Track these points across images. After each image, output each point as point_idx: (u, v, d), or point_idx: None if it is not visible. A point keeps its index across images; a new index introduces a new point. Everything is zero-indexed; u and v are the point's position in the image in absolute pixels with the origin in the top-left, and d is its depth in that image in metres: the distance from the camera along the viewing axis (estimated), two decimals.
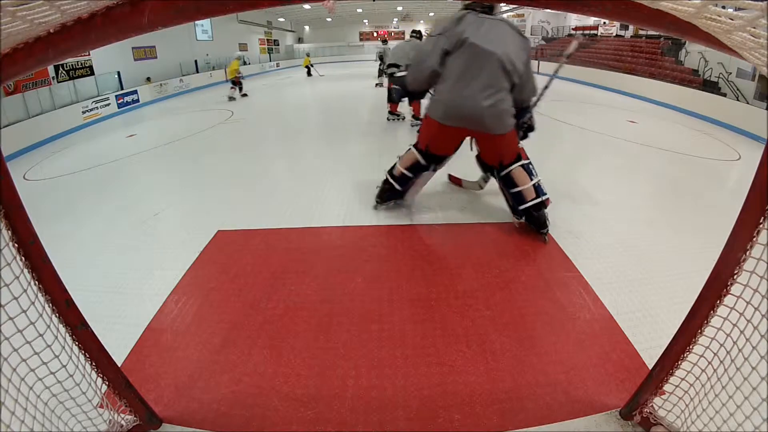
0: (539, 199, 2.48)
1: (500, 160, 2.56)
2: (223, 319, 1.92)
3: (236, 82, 10.05)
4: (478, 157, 2.81)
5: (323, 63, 25.54)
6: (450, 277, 2.21)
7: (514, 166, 2.53)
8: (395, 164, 2.85)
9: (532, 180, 2.51)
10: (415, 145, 2.73)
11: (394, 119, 6.35)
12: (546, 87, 2.65)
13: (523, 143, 2.68)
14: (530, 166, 2.56)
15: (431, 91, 2.61)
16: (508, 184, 2.58)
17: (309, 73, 16.09)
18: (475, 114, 2.31)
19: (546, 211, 2.53)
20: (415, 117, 5.67)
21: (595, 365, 1.60)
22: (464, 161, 3.06)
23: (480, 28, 2.28)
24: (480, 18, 2.31)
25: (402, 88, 2.72)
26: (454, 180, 3.49)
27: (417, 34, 5.97)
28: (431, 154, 2.66)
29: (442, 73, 2.41)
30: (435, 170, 2.80)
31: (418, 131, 2.75)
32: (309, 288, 2.14)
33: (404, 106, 6.14)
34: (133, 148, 5.95)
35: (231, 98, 9.91)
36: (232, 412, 1.44)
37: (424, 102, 2.79)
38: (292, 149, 5.32)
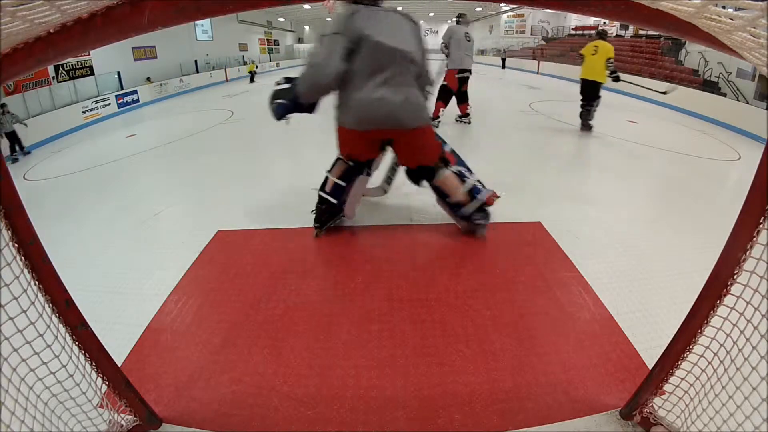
0: (476, 204, 2.41)
1: (419, 161, 2.41)
2: (223, 319, 1.92)
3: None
4: (406, 171, 2.59)
5: None
6: (450, 277, 2.21)
7: (441, 174, 2.41)
8: (325, 179, 2.61)
9: (464, 183, 2.41)
10: (338, 157, 2.56)
11: (463, 121, 6.01)
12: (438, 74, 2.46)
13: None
14: (461, 170, 2.44)
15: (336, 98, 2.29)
16: (440, 194, 2.49)
17: (252, 80, 15.68)
18: (390, 113, 2.15)
19: (489, 208, 2.48)
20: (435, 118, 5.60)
21: (595, 365, 1.60)
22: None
23: (378, 24, 2.13)
24: (373, 11, 2.16)
25: (290, 102, 2.38)
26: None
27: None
28: (358, 161, 2.49)
29: (344, 77, 2.15)
30: (369, 174, 2.63)
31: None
32: (309, 288, 2.14)
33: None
34: (133, 148, 5.95)
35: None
36: (232, 412, 1.44)
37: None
38: (292, 148, 5.32)
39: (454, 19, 5.79)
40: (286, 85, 2.40)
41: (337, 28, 2.12)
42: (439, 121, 5.75)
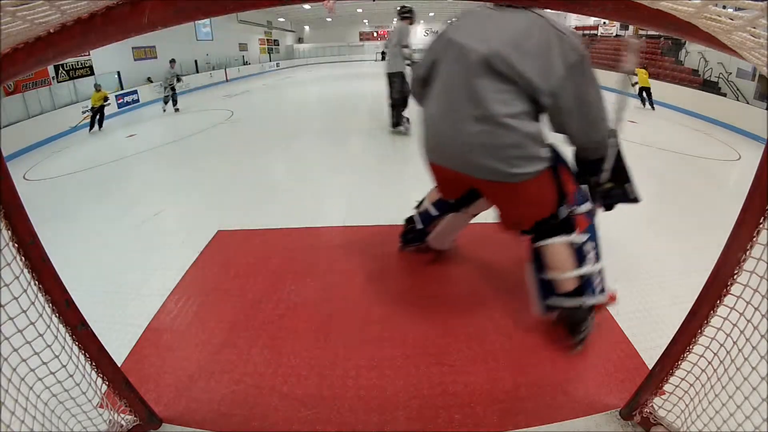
0: (580, 301, 1.58)
1: (517, 224, 1.67)
2: (223, 319, 1.92)
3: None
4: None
5: (323, 63, 25.55)
6: (450, 277, 2.21)
7: (551, 240, 1.59)
8: (424, 198, 2.25)
9: (579, 268, 1.58)
10: None
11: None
12: (620, 111, 1.64)
13: None
14: (584, 246, 1.60)
15: None
16: (536, 262, 1.69)
17: (93, 124, 7.78)
18: (453, 144, 1.48)
19: (591, 316, 1.65)
20: None
21: (595, 365, 1.60)
22: None
23: (475, 22, 1.50)
24: (487, 10, 1.49)
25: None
26: None
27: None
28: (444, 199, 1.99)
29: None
30: (469, 213, 2.07)
31: None
32: (309, 288, 2.14)
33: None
34: (133, 148, 5.95)
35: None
36: (232, 412, 1.44)
37: None
38: (292, 149, 5.32)
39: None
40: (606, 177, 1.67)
41: (438, 33, 1.64)
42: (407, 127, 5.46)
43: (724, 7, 0.54)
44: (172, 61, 9.50)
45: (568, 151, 1.66)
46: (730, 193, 3.69)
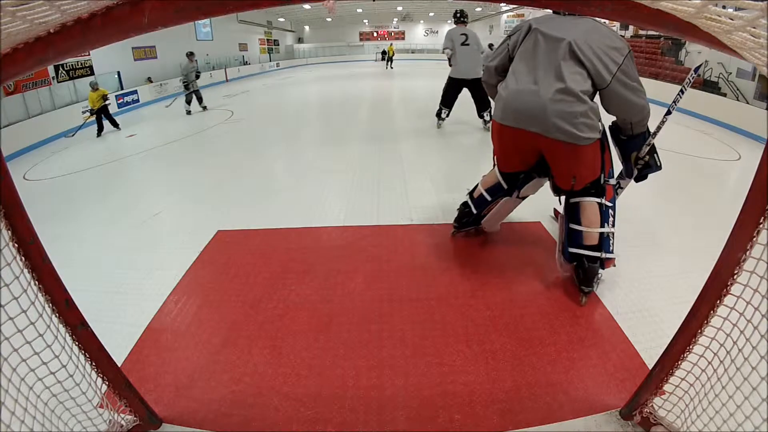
0: (597, 254, 1.96)
1: (572, 182, 1.98)
2: (223, 319, 1.92)
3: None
4: (552, 183, 2.19)
5: (323, 63, 25.55)
6: (450, 277, 2.21)
7: (588, 199, 1.99)
8: (477, 185, 2.45)
9: (603, 227, 1.98)
10: (494, 164, 2.33)
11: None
12: (669, 111, 1.97)
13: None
14: (609, 210, 2.01)
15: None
16: (571, 215, 2.05)
17: (101, 126, 7.33)
18: (536, 109, 1.82)
19: (601, 271, 2.02)
20: None
21: (595, 365, 1.60)
22: None
23: (553, 20, 1.92)
24: (559, 16, 1.94)
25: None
26: (558, 214, 2.61)
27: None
28: (505, 173, 2.24)
29: (505, 73, 2.07)
30: (519, 197, 2.30)
31: None
32: (309, 288, 2.14)
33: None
34: (133, 148, 5.95)
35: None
36: (232, 412, 1.44)
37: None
38: (292, 149, 5.32)
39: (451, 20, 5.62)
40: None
41: (512, 31, 2.08)
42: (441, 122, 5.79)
43: (724, 7, 0.54)
44: (191, 54, 8.65)
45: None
46: (730, 193, 3.69)
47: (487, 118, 5.60)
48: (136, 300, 2.13)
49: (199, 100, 8.80)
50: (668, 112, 1.97)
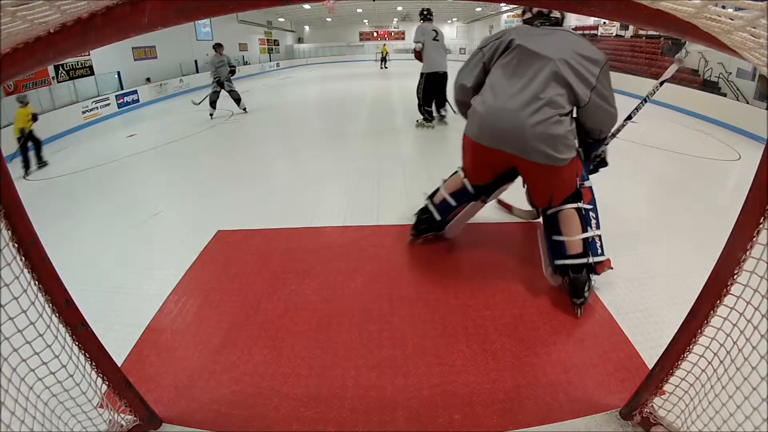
0: (583, 260, 1.88)
1: (548, 200, 1.97)
2: (223, 319, 1.92)
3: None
4: (528, 196, 2.26)
5: (323, 63, 25.55)
6: (450, 277, 2.21)
7: (566, 206, 1.94)
8: (437, 189, 2.37)
9: (585, 232, 1.91)
10: (457, 169, 2.27)
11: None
12: (630, 116, 2.12)
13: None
14: (589, 213, 1.96)
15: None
16: (551, 227, 2.01)
17: (26, 158, 5.18)
18: (515, 130, 1.75)
19: (594, 277, 1.96)
20: None
21: (595, 365, 1.60)
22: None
23: (533, 34, 1.86)
24: (536, 28, 1.91)
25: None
26: (504, 205, 2.95)
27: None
28: (475, 185, 2.19)
29: (479, 88, 1.98)
30: (485, 201, 2.30)
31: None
32: (309, 288, 2.14)
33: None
34: (133, 148, 5.94)
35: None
36: (232, 412, 1.44)
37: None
38: (292, 149, 5.32)
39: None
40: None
41: (483, 43, 2.01)
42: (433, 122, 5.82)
43: (724, 7, 0.54)
44: (218, 45, 7.05)
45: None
46: (730, 193, 3.69)
47: (444, 113, 5.89)
48: (136, 300, 2.13)
49: (237, 101, 7.40)
50: (630, 117, 2.14)
